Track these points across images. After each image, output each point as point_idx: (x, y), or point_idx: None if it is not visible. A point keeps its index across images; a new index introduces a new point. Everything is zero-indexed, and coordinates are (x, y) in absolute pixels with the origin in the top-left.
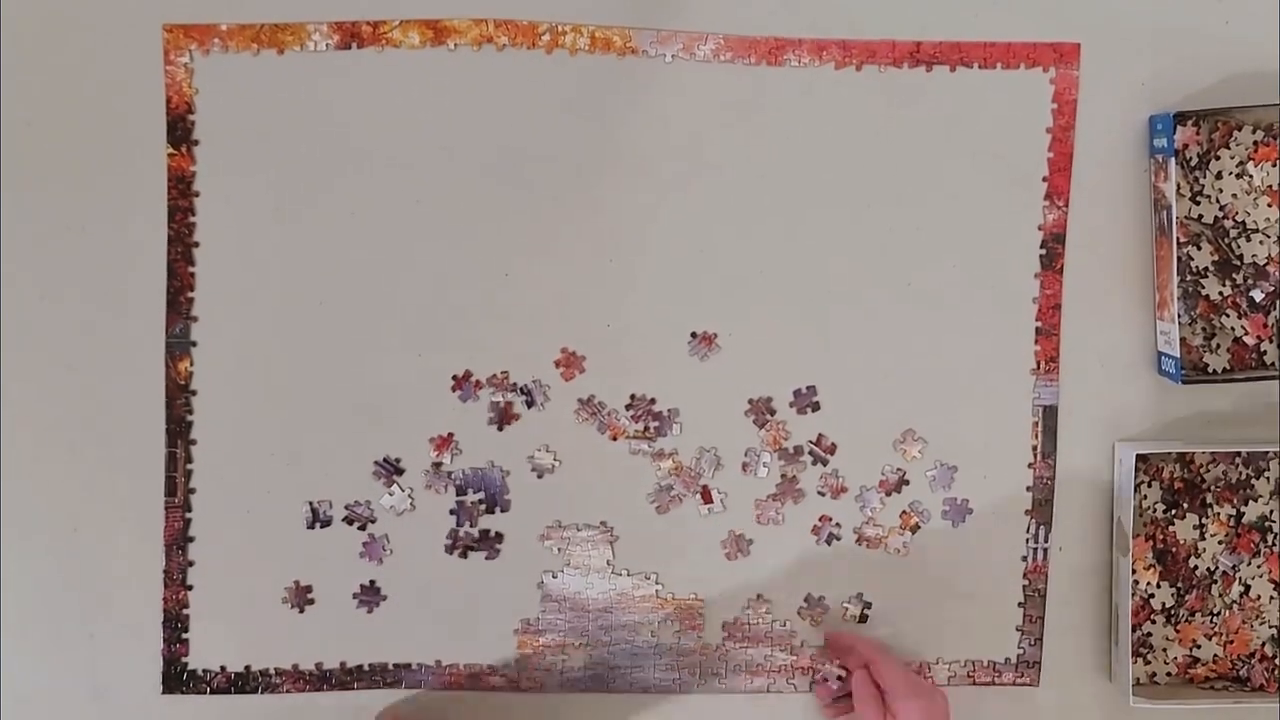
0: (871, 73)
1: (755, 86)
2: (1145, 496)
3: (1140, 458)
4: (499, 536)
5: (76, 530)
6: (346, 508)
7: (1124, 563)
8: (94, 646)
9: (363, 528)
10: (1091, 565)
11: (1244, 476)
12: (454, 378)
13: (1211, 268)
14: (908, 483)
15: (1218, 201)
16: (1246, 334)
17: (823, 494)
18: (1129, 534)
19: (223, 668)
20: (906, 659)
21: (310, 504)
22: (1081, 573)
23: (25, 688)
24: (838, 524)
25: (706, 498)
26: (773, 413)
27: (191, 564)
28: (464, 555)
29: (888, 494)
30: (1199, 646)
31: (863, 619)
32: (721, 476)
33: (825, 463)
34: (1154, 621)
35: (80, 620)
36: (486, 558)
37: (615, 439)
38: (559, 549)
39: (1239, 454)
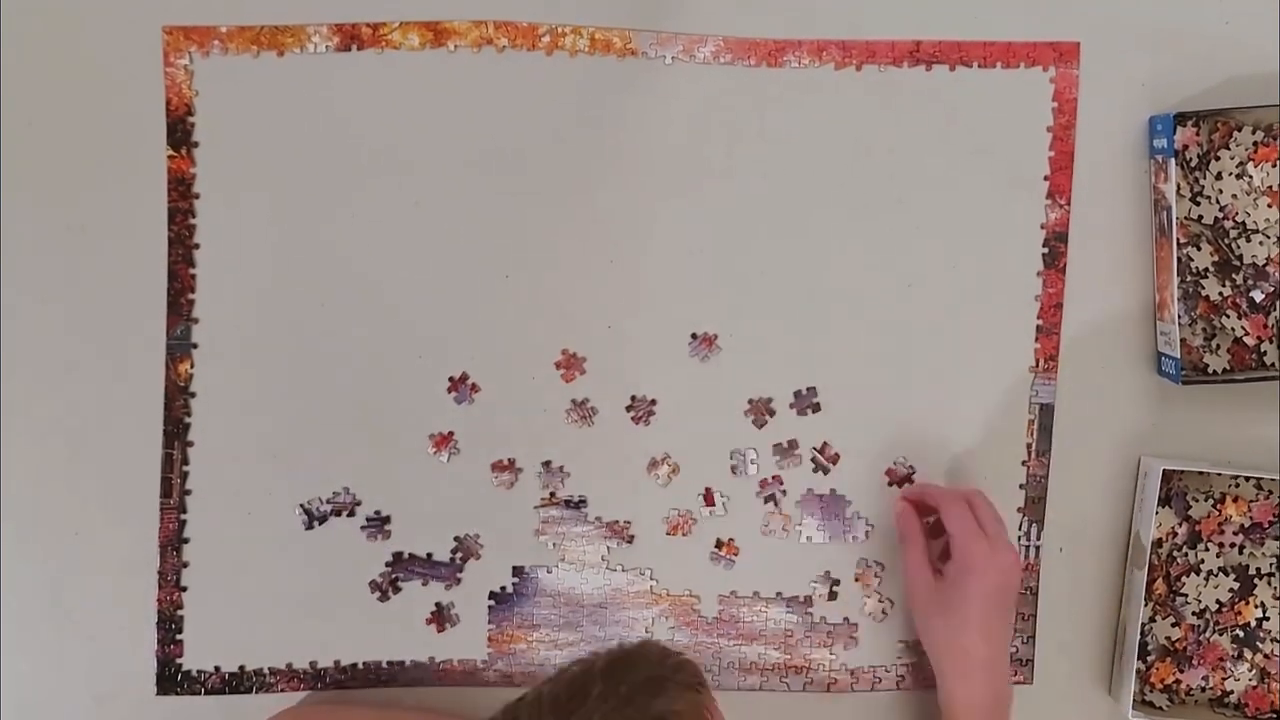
0: (871, 72)
1: (755, 88)
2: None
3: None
4: None
5: (77, 534)
6: (327, 501)
7: (1138, 576)
8: (93, 648)
9: (352, 514)
10: (1090, 566)
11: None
12: (450, 379)
13: (1211, 268)
14: (910, 481)
15: (1218, 202)
16: (1247, 334)
17: None
18: (1147, 548)
19: (217, 668)
20: None
21: (303, 506)
22: (1080, 574)
23: (25, 690)
24: None
25: (709, 500)
26: (773, 413)
27: (186, 565)
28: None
29: None
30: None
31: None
32: (722, 478)
33: (826, 471)
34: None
35: (79, 622)
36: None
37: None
38: (554, 544)
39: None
